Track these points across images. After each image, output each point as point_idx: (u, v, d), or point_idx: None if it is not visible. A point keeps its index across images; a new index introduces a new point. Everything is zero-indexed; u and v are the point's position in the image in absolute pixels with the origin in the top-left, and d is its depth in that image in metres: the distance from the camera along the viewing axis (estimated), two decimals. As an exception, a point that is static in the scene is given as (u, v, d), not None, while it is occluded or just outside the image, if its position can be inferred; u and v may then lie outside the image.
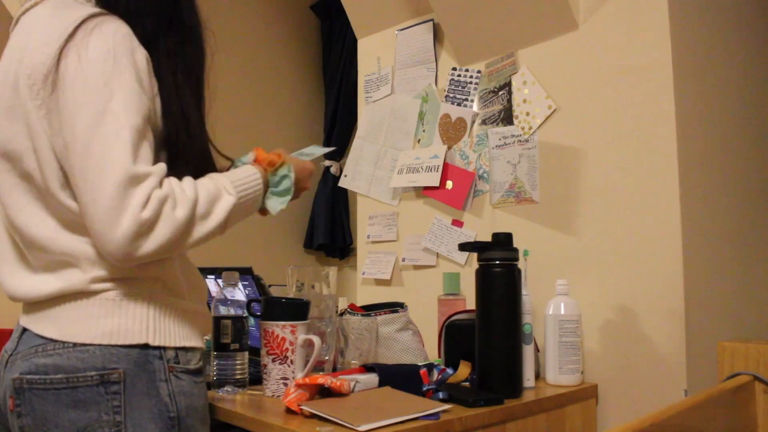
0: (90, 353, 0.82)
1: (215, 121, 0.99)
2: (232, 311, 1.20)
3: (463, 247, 1.30)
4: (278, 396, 1.12)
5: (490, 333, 1.17)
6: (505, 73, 1.55)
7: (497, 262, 1.18)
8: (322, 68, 2.79)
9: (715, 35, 1.46)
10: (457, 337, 1.32)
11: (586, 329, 1.34)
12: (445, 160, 1.63)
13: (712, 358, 1.23)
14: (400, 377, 1.11)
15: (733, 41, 1.53)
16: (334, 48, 2.65)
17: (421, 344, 1.40)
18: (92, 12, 0.82)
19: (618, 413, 1.28)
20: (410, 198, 1.75)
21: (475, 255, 1.35)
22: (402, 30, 1.79)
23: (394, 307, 1.38)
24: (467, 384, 1.22)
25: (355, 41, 1.97)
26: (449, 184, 1.60)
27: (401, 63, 1.78)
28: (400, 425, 0.92)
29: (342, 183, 1.91)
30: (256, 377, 1.21)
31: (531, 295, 1.29)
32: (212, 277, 1.52)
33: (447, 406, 1.02)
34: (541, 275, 1.40)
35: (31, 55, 0.81)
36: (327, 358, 1.27)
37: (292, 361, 1.13)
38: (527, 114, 1.49)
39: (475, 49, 1.59)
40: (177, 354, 0.87)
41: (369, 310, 1.38)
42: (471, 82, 1.62)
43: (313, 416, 0.96)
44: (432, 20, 1.71)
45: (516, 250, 1.20)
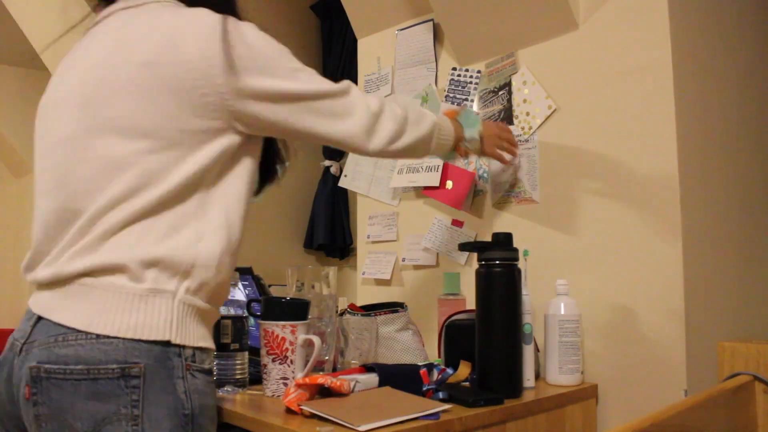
0: (113, 346, 0.82)
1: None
2: (232, 311, 1.20)
3: (463, 247, 1.30)
4: (278, 396, 1.12)
5: (490, 333, 1.17)
6: (505, 73, 1.55)
7: (497, 262, 1.18)
8: (322, 68, 2.79)
9: (715, 35, 1.46)
10: (457, 337, 1.32)
11: (586, 329, 1.34)
12: (445, 160, 1.63)
13: (712, 358, 1.23)
14: (400, 377, 1.12)
15: (733, 41, 1.53)
16: (334, 48, 2.65)
17: (421, 344, 1.40)
18: (221, 15, 0.93)
19: (618, 413, 1.28)
20: (410, 198, 1.75)
21: (475, 255, 1.35)
22: (402, 30, 1.79)
23: (394, 307, 1.38)
24: (467, 384, 1.22)
25: (355, 41, 1.97)
26: (449, 184, 1.60)
27: (401, 63, 1.78)
28: (400, 425, 0.92)
29: (342, 183, 1.91)
30: (256, 377, 1.21)
31: (531, 295, 1.29)
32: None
33: (447, 406, 1.02)
34: (541, 275, 1.40)
35: (180, 51, 0.88)
36: (327, 358, 1.27)
37: (292, 361, 1.13)
38: (527, 114, 1.49)
39: (475, 49, 1.59)
40: (194, 353, 0.88)
41: (369, 310, 1.38)
42: (471, 82, 1.62)
43: (313, 416, 0.96)
44: (432, 20, 1.71)
45: (516, 250, 1.20)
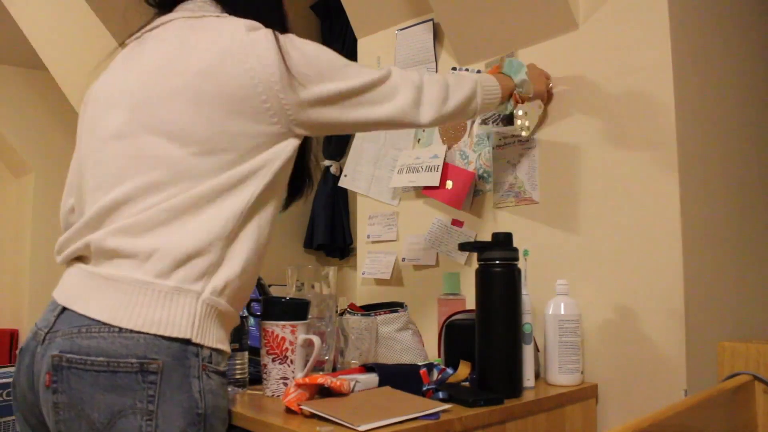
0: (134, 341, 0.84)
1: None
2: (232, 311, 1.20)
3: (463, 247, 1.30)
4: (278, 396, 1.12)
5: (490, 333, 1.17)
6: (505, 73, 1.55)
7: (497, 262, 1.18)
8: (322, 68, 2.79)
9: (715, 35, 1.46)
10: (457, 337, 1.32)
11: (586, 329, 1.34)
12: (445, 160, 1.63)
13: (712, 358, 1.22)
14: (400, 377, 1.12)
15: (733, 41, 1.53)
16: (334, 48, 2.62)
17: (421, 344, 1.40)
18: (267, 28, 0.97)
19: (618, 413, 1.28)
20: (410, 198, 1.75)
21: (475, 255, 1.35)
22: (402, 30, 1.79)
23: (394, 307, 1.38)
24: (467, 384, 1.22)
25: (355, 41, 1.97)
26: (449, 184, 1.60)
27: (401, 63, 1.78)
28: (400, 425, 0.92)
29: (342, 183, 1.91)
30: (256, 377, 1.21)
31: (531, 295, 1.28)
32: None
33: (447, 406, 1.02)
34: (541, 275, 1.40)
35: (239, 60, 0.92)
36: (327, 358, 1.27)
37: (292, 361, 1.13)
38: (527, 114, 1.48)
39: (475, 49, 1.59)
40: (211, 354, 0.90)
41: (369, 309, 1.38)
42: (471, 82, 1.62)
43: (313, 416, 0.96)
44: (432, 20, 1.71)
45: (516, 250, 1.20)
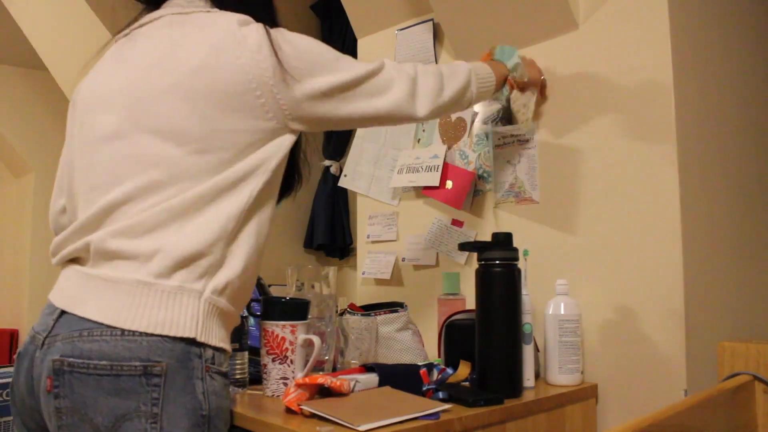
0: (137, 343, 0.83)
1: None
2: (232, 311, 1.20)
3: (463, 247, 1.29)
4: (278, 396, 1.12)
5: (490, 333, 1.17)
6: (505, 73, 1.55)
7: (497, 262, 1.18)
8: (322, 68, 2.79)
9: (715, 35, 1.46)
10: (457, 337, 1.32)
11: (586, 329, 1.34)
12: (444, 159, 1.63)
13: (712, 358, 1.22)
14: (400, 377, 1.12)
15: (733, 41, 1.53)
16: (334, 48, 2.65)
17: (421, 344, 1.40)
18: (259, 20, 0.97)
19: (618, 413, 1.28)
20: (410, 198, 1.75)
21: (475, 255, 1.35)
22: (402, 30, 1.79)
23: (394, 307, 1.38)
24: (467, 384, 1.22)
25: (355, 41, 1.97)
26: (449, 184, 1.60)
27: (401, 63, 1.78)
28: (400, 425, 0.92)
29: (342, 183, 1.91)
30: (256, 377, 1.21)
31: (531, 295, 1.29)
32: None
33: (447, 406, 1.02)
34: (541, 275, 1.40)
35: (232, 56, 0.91)
36: (327, 358, 1.27)
37: (292, 361, 1.13)
38: (525, 105, 1.45)
39: (475, 49, 1.59)
40: (214, 355, 0.89)
41: (369, 309, 1.38)
42: (471, 82, 1.62)
43: (313, 416, 0.96)
44: (432, 20, 1.71)
45: (516, 250, 1.20)
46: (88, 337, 0.84)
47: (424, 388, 1.11)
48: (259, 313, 1.18)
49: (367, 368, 1.15)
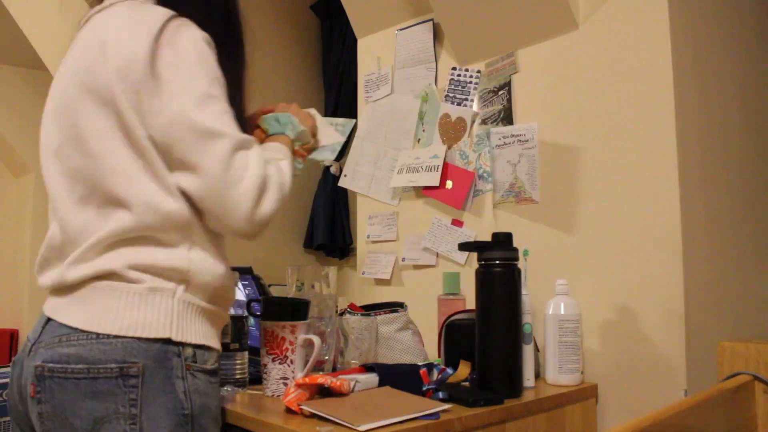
0: (112, 345, 0.84)
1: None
2: (231, 311, 1.20)
3: (463, 247, 1.29)
4: (278, 396, 1.12)
5: (490, 333, 1.17)
6: (505, 72, 1.55)
7: (497, 262, 1.18)
8: (321, 68, 2.79)
9: (715, 35, 1.46)
10: (457, 337, 1.32)
11: (586, 329, 1.34)
12: (444, 159, 1.63)
13: (712, 358, 1.22)
14: (400, 377, 1.12)
15: (733, 41, 1.53)
16: (334, 48, 2.65)
17: (421, 344, 1.40)
18: (172, 14, 0.90)
19: (618, 413, 1.28)
20: (410, 198, 1.75)
21: (475, 255, 1.35)
22: (402, 30, 1.79)
23: (394, 307, 1.38)
24: (467, 384, 1.22)
25: (355, 41, 1.97)
26: (449, 183, 1.60)
27: (401, 63, 1.78)
28: (400, 425, 0.92)
29: (342, 183, 1.91)
30: (256, 377, 1.21)
31: (531, 295, 1.29)
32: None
33: (447, 406, 1.02)
34: (541, 275, 1.40)
35: (118, 48, 0.87)
36: (327, 358, 1.27)
37: (292, 361, 1.13)
38: (324, 147, 1.31)
39: (475, 48, 1.59)
40: (195, 353, 0.89)
41: (369, 309, 1.38)
42: (471, 82, 1.62)
43: (313, 416, 0.96)
44: (432, 20, 1.71)
45: (516, 250, 1.20)
46: (66, 342, 0.85)
47: (424, 388, 1.11)
48: (259, 313, 1.18)
49: (367, 368, 1.15)
